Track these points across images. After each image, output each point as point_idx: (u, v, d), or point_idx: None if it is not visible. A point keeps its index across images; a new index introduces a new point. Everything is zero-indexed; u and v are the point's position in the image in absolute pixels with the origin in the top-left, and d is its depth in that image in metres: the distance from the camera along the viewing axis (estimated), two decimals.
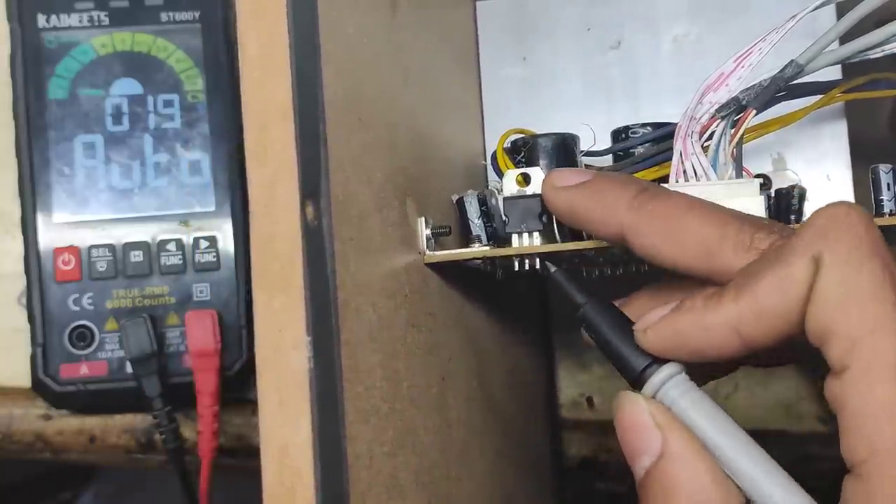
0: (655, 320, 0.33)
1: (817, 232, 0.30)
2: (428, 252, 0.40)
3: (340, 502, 0.30)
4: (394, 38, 0.39)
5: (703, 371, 0.35)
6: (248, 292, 0.56)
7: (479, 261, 0.40)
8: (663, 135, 0.43)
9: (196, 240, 0.57)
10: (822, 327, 0.30)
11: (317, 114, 0.30)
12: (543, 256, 0.40)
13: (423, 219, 0.40)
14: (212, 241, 0.57)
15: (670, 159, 0.42)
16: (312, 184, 0.30)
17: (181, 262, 0.57)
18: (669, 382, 0.33)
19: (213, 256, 0.57)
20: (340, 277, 0.31)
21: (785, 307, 0.30)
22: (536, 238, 0.39)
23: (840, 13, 0.46)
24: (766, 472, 0.32)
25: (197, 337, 0.55)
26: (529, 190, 0.40)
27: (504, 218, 0.39)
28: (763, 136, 0.43)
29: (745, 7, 0.49)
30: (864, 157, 0.47)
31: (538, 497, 0.57)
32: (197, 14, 0.58)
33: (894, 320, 0.29)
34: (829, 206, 0.31)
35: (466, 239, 0.41)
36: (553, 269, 0.37)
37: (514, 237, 0.40)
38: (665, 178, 0.42)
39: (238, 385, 0.58)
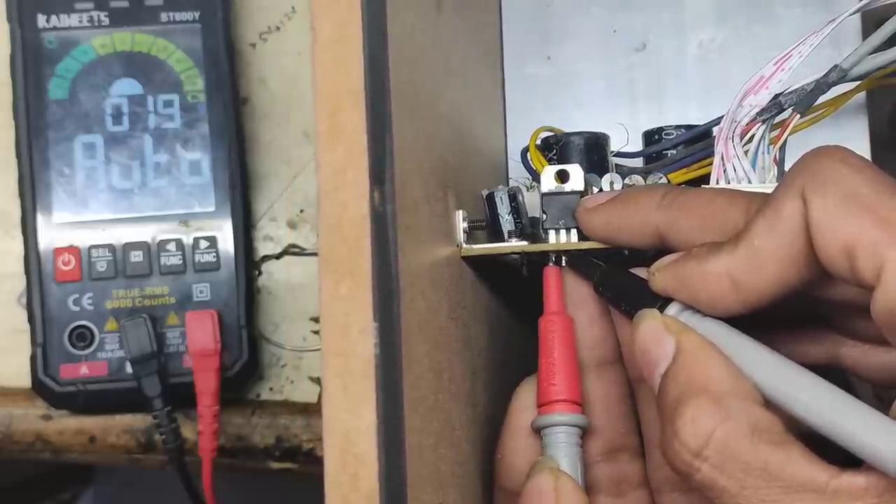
0: (665, 263, 0.35)
1: (797, 172, 0.31)
2: (465, 245, 0.40)
3: (401, 490, 0.30)
4: (439, 31, 0.39)
5: None
6: (248, 292, 0.57)
7: (517, 255, 0.40)
8: (697, 136, 0.43)
9: (196, 240, 0.57)
10: (838, 248, 0.29)
11: (385, 100, 0.30)
12: (579, 253, 0.40)
13: (460, 212, 0.40)
14: (212, 241, 0.57)
15: (701, 160, 0.42)
16: (379, 170, 0.30)
17: (181, 262, 0.56)
18: (683, 315, 0.34)
19: (213, 256, 0.57)
20: (399, 265, 0.31)
21: (780, 246, 0.31)
22: (573, 235, 0.40)
23: (864, 20, 0.47)
24: (783, 365, 0.31)
25: (197, 337, 0.54)
26: (567, 187, 0.40)
27: (542, 214, 0.40)
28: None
29: (771, 15, 0.49)
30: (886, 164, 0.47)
31: None
32: (197, 14, 0.57)
33: None
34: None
35: (493, 234, 0.41)
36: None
37: (552, 233, 0.40)
38: (697, 180, 0.43)
39: (238, 385, 0.57)
